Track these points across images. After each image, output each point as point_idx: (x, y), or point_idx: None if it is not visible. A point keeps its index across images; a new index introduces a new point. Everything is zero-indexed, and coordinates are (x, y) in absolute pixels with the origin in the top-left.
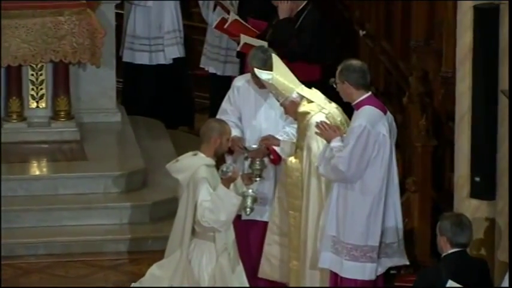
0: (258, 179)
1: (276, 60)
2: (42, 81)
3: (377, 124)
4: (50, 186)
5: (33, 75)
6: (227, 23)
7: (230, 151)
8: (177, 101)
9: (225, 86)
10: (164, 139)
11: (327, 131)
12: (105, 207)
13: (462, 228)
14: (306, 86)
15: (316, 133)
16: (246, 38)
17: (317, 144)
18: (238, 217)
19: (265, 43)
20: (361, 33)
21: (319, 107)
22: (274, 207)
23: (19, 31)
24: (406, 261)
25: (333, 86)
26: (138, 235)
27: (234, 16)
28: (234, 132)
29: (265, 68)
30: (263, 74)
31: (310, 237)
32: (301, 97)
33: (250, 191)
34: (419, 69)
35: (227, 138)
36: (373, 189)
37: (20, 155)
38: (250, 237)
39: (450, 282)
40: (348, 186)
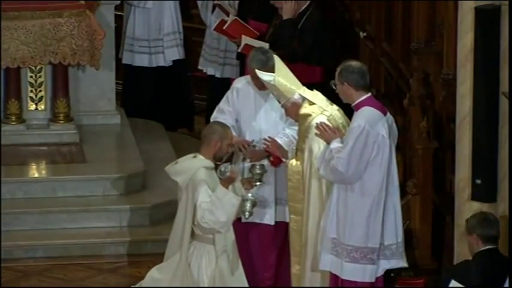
0: (258, 184)
1: (278, 61)
2: (41, 83)
3: (376, 125)
4: (49, 188)
5: (32, 77)
6: (227, 24)
7: (229, 160)
8: (176, 103)
9: (224, 88)
10: (164, 141)
11: (327, 132)
12: (105, 210)
13: (490, 221)
14: (307, 87)
15: (316, 134)
16: (247, 39)
17: (318, 146)
18: (238, 219)
19: (267, 44)
20: (361, 35)
21: (321, 109)
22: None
23: (18, 33)
24: (404, 264)
25: (333, 87)
26: (137, 238)
27: (233, 16)
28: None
29: (264, 70)
30: (265, 76)
31: (310, 239)
32: (303, 99)
33: (250, 195)
34: (420, 71)
35: (228, 143)
36: (373, 190)
37: (19, 157)
38: (250, 240)
39: (453, 282)
40: (348, 188)
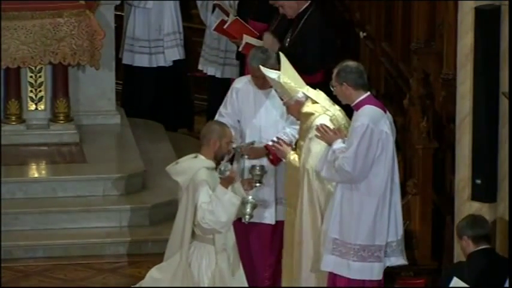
0: (257, 185)
1: (284, 59)
2: (41, 83)
3: (379, 122)
4: (49, 188)
5: (32, 77)
6: (227, 24)
7: (230, 160)
8: (176, 103)
9: (224, 88)
10: (164, 141)
11: (328, 134)
12: (105, 210)
13: (478, 222)
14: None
15: (316, 136)
16: (248, 38)
17: (320, 147)
18: (239, 219)
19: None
20: (361, 35)
21: (324, 108)
22: None
23: (18, 33)
24: (404, 261)
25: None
26: (137, 238)
27: (234, 16)
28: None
29: None
30: (270, 73)
31: (305, 236)
32: (306, 97)
33: (250, 197)
34: (420, 71)
35: (227, 141)
36: (379, 188)
37: (19, 157)
38: (250, 240)
39: (455, 280)
40: (353, 187)
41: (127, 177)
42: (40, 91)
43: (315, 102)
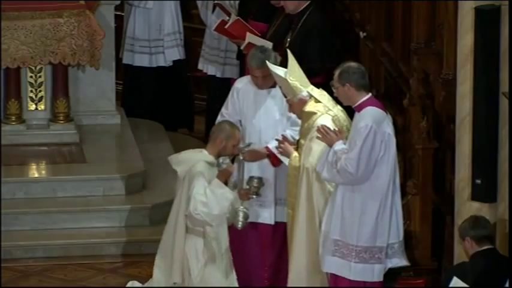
0: (254, 197)
1: (291, 57)
2: (41, 83)
3: (382, 124)
4: (49, 188)
5: (32, 77)
6: (228, 23)
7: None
8: (176, 103)
9: (224, 88)
10: (164, 141)
11: (329, 135)
12: (105, 210)
13: (480, 222)
14: None
15: (317, 138)
16: (251, 37)
17: (320, 146)
18: None
19: (270, 43)
20: (361, 35)
21: (326, 108)
22: None
23: (18, 33)
24: (406, 262)
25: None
26: (137, 238)
27: (235, 16)
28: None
29: (263, 69)
30: (277, 70)
31: (299, 235)
32: (310, 96)
33: (242, 207)
34: (420, 71)
35: (233, 143)
36: (381, 190)
37: (19, 157)
38: (249, 239)
39: (455, 280)
40: (355, 189)
41: (127, 177)
42: (40, 91)
43: (318, 102)
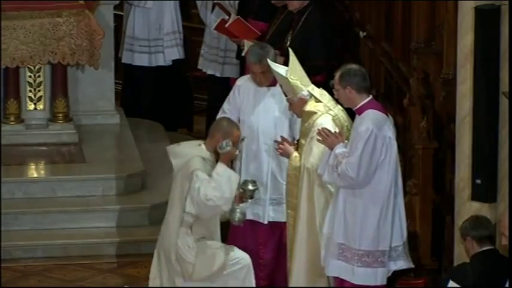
0: (249, 201)
1: (292, 56)
2: (40, 83)
3: (383, 127)
4: (48, 188)
5: (31, 77)
6: (228, 22)
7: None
8: (176, 103)
9: (224, 87)
10: (163, 141)
11: (330, 138)
12: (104, 210)
13: (482, 222)
14: None
15: (318, 140)
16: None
17: (321, 146)
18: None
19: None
20: (361, 34)
21: (326, 107)
22: None
23: (17, 32)
24: (411, 265)
25: (333, 88)
26: (136, 238)
27: (235, 16)
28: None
29: (260, 65)
30: (279, 68)
31: (299, 235)
32: (311, 96)
33: (238, 209)
34: (420, 71)
35: (231, 141)
36: (383, 193)
37: (18, 157)
38: (245, 239)
39: (451, 283)
40: (356, 192)
41: (126, 177)
42: (39, 91)
43: (318, 101)
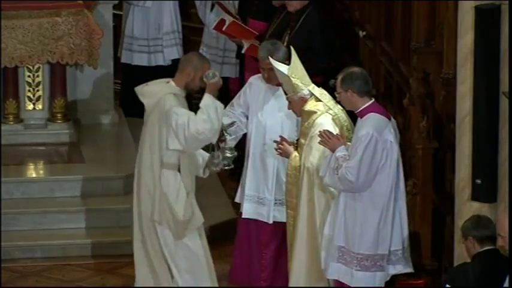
0: (227, 168)
1: (294, 56)
2: (38, 83)
3: (384, 131)
4: (47, 188)
5: (29, 77)
6: (225, 26)
7: (220, 140)
8: None
9: (223, 87)
10: None
11: (331, 140)
12: (103, 210)
13: (483, 222)
14: None
15: (319, 142)
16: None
17: (321, 146)
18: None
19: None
20: (361, 34)
21: (326, 107)
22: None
23: (16, 32)
24: (410, 269)
25: (333, 87)
26: None
27: (231, 18)
28: (225, 120)
29: (269, 60)
30: (280, 66)
31: (299, 236)
32: (311, 95)
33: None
34: (419, 71)
35: (201, 75)
36: (383, 198)
37: (17, 157)
38: (247, 239)
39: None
40: (356, 196)
41: (125, 177)
42: (38, 90)
43: (318, 101)
